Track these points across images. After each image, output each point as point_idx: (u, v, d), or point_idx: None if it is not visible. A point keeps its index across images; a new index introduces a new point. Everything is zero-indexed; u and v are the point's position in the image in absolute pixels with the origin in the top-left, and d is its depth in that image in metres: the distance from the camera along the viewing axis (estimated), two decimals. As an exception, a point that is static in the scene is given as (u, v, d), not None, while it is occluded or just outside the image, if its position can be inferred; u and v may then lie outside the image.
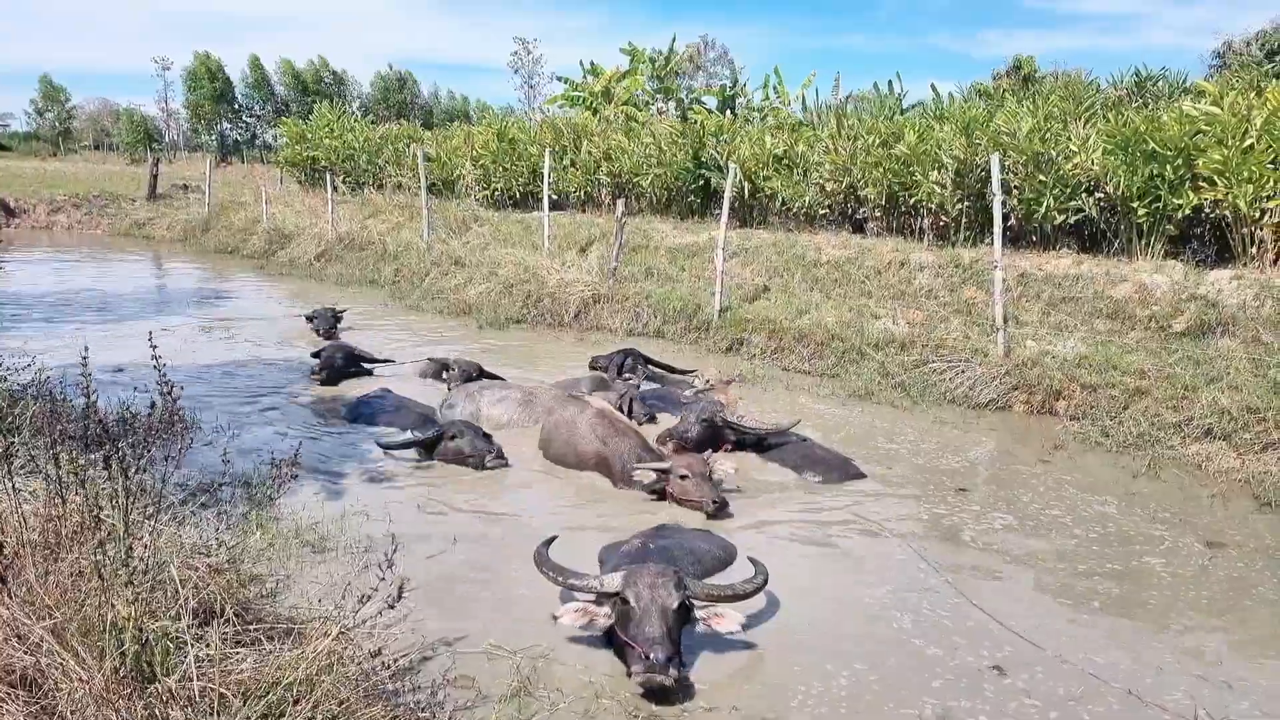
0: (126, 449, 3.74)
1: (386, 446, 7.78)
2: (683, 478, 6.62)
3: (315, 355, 10.86)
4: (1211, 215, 12.44)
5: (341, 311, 13.62)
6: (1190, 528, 6.83)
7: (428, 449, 7.80)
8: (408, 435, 7.87)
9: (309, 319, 13.25)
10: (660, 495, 6.91)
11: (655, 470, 6.82)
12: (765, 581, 4.91)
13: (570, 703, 4.22)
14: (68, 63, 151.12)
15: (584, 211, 22.77)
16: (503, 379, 10.16)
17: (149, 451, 3.79)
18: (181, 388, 4.22)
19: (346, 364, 10.73)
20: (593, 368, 11.13)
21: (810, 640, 4.94)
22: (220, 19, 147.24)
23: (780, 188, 17.96)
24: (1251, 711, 4.37)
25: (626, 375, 10.61)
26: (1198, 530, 6.79)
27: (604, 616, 4.63)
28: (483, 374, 10.18)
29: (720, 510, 6.54)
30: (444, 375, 10.38)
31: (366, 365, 11.01)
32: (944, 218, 15.24)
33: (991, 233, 10.87)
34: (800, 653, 4.80)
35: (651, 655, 4.19)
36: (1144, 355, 10.04)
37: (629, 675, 4.31)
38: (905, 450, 8.68)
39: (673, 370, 11.14)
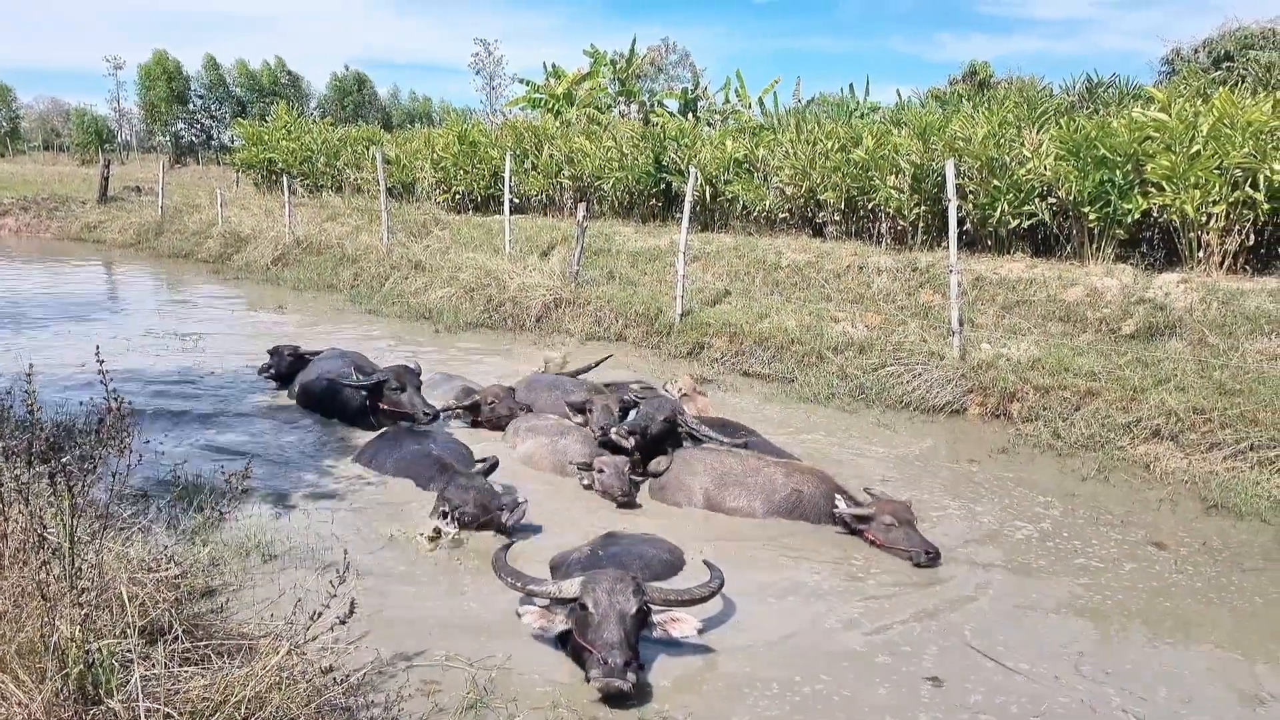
0: (73, 464, 3.66)
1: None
2: (889, 525, 6.33)
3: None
4: (1160, 220, 12.74)
5: (312, 353, 10.65)
6: (1135, 527, 6.98)
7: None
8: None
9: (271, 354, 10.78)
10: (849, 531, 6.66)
11: (858, 516, 6.52)
12: (721, 585, 4.95)
13: (527, 713, 4.21)
14: (15, 61, 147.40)
15: (546, 215, 22.71)
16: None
17: (95, 468, 3.70)
18: (130, 402, 4.13)
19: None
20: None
21: (761, 643, 4.98)
22: (175, 18, 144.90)
23: (741, 192, 18.06)
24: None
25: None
26: (1143, 530, 6.94)
27: (560, 621, 4.65)
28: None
29: (934, 561, 6.13)
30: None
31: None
32: (902, 222, 15.44)
33: (948, 237, 11.03)
34: (751, 656, 4.85)
35: (609, 660, 4.22)
36: (1095, 357, 10.24)
37: (587, 680, 4.32)
38: (854, 452, 8.79)
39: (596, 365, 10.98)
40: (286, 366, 10.32)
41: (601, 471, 7.11)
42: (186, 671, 3.29)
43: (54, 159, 64.02)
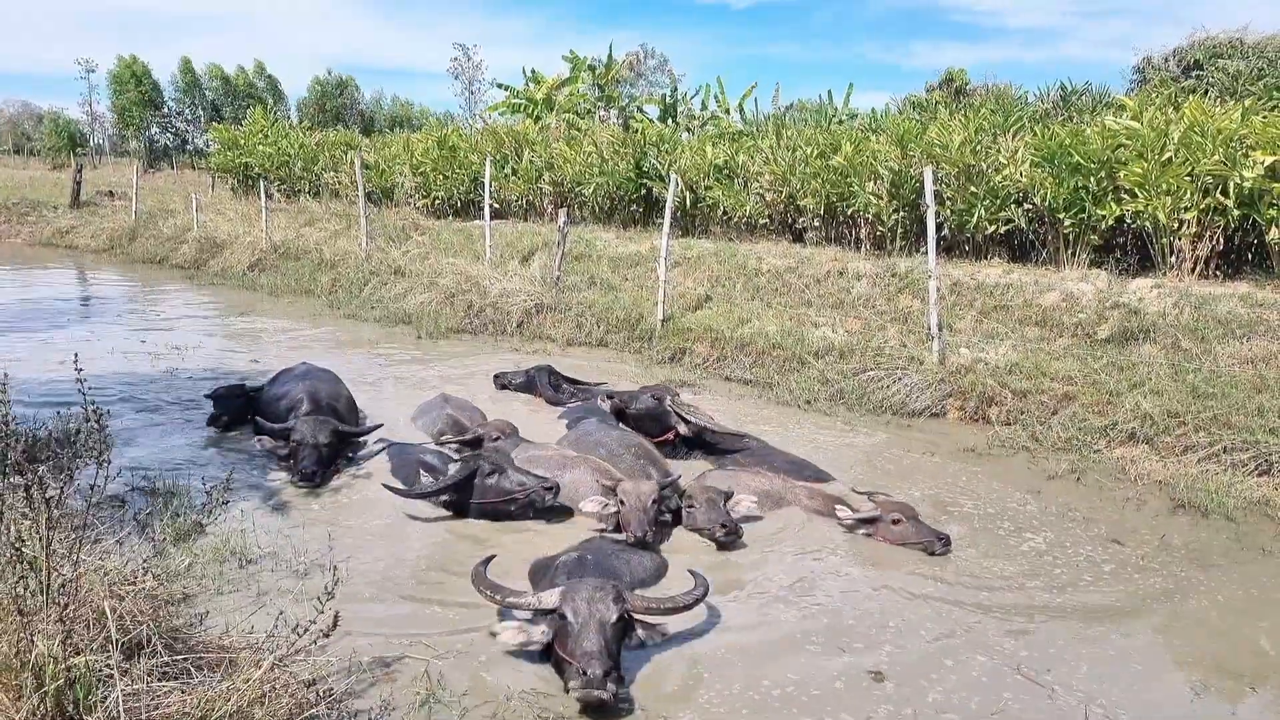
0: (48, 475, 3.60)
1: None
2: (895, 523, 6.49)
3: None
4: (1133, 226, 12.91)
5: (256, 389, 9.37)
6: (1098, 524, 7.06)
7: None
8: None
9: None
10: None
11: (865, 520, 6.62)
12: (705, 593, 4.94)
13: (479, 705, 4.26)
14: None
15: (526, 220, 22.68)
16: None
17: (73, 479, 3.65)
18: (109, 412, 4.08)
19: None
20: (501, 386, 10.78)
21: (731, 645, 4.99)
22: (149, 19, 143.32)
23: (721, 197, 18.12)
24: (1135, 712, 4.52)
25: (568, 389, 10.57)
26: (1104, 526, 7.02)
27: (540, 634, 4.61)
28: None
29: (946, 547, 6.32)
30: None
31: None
32: (880, 227, 15.54)
33: (926, 242, 11.11)
34: (720, 658, 4.86)
35: (589, 670, 4.18)
36: (1071, 362, 10.34)
37: (567, 690, 4.31)
38: (832, 455, 8.85)
39: (581, 384, 10.74)
40: (236, 411, 8.85)
41: (623, 504, 6.29)
42: (166, 687, 3.24)
43: (25, 163, 62.95)
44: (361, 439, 8.17)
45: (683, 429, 8.24)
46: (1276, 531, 6.94)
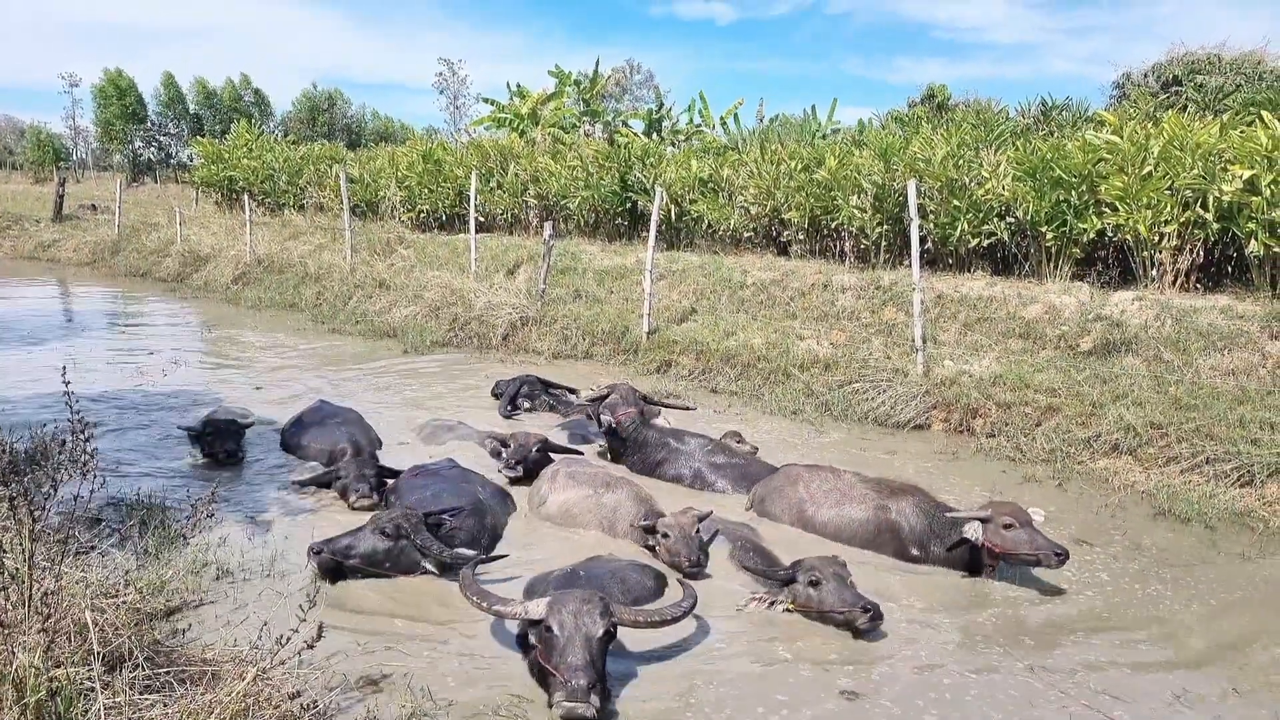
0: (32, 488, 3.56)
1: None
2: (1007, 527, 5.83)
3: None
4: (1114, 239, 13.03)
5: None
6: (1061, 524, 7.10)
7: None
8: None
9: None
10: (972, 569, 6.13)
11: (977, 519, 5.97)
12: (693, 606, 4.92)
13: (465, 717, 4.27)
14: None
15: (511, 234, 22.66)
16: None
17: (56, 491, 3.61)
18: (96, 425, 4.05)
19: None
20: (496, 395, 11.03)
21: (723, 667, 4.95)
22: (134, 33, 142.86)
23: (706, 211, 18.18)
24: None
25: (523, 402, 10.68)
26: (1073, 527, 7.10)
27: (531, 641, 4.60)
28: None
29: (1062, 561, 5.71)
30: None
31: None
32: (864, 240, 15.63)
33: (910, 255, 11.19)
34: (711, 675, 4.84)
35: (573, 683, 4.15)
36: (1054, 374, 10.41)
37: (550, 704, 4.28)
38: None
39: (573, 392, 10.91)
40: (235, 444, 8.27)
41: (666, 536, 6.17)
42: (148, 700, 3.20)
43: (7, 177, 62.52)
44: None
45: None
46: (1253, 539, 7.00)
